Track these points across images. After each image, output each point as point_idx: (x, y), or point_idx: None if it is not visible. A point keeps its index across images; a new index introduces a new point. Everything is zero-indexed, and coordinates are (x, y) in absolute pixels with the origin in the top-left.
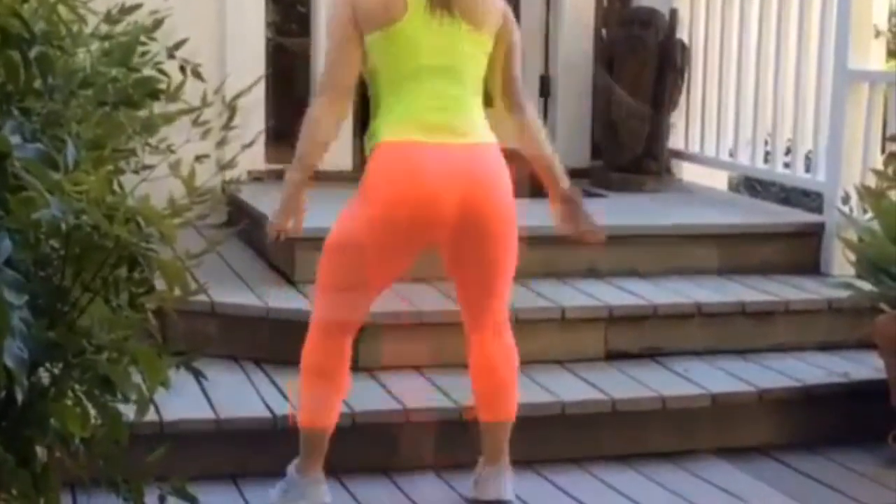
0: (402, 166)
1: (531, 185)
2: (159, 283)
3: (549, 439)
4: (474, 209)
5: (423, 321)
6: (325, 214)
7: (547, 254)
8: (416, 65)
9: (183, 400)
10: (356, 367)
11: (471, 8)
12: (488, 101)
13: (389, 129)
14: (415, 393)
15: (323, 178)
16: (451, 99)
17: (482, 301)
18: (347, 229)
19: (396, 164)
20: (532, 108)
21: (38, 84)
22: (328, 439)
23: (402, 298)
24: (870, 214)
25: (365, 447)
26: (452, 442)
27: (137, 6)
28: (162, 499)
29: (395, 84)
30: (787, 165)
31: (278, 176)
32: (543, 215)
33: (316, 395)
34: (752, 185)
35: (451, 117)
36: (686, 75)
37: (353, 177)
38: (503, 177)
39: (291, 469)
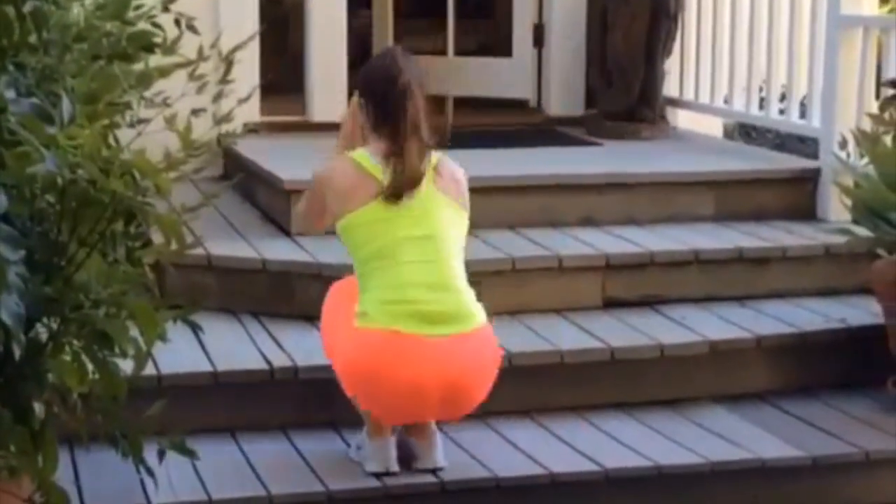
0: (384, 364)
1: (525, 134)
2: (156, 237)
3: (548, 388)
4: (458, 398)
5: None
6: (320, 166)
7: (543, 202)
8: (394, 237)
9: (180, 353)
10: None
11: (441, 180)
12: None
13: (376, 315)
14: None
15: (316, 129)
16: (435, 273)
17: None
18: (346, 384)
19: (379, 360)
20: None
21: (32, 39)
22: None
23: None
24: (865, 159)
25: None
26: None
27: None
28: (161, 454)
29: (377, 259)
30: (781, 112)
31: (273, 128)
32: (539, 162)
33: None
34: (747, 132)
35: (436, 298)
36: (680, 22)
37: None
38: (489, 363)
39: (364, 429)
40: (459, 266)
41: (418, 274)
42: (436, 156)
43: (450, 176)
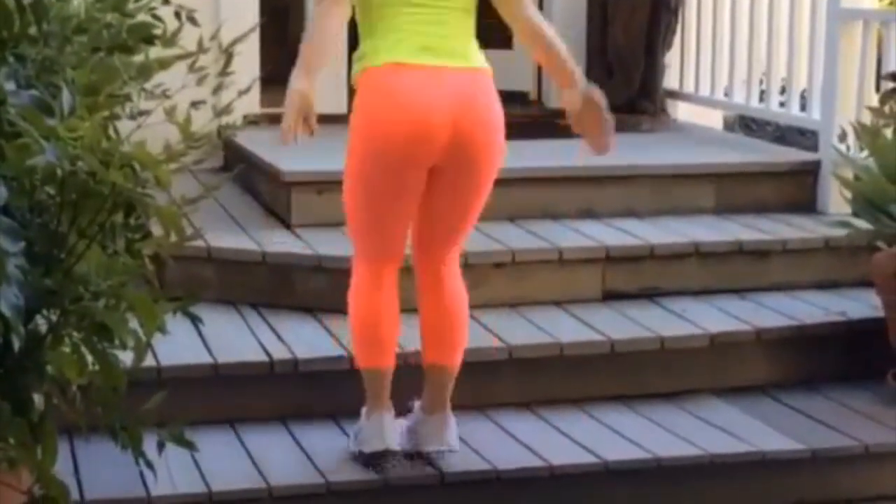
0: (389, 93)
1: (525, 127)
2: (156, 229)
3: (547, 380)
4: (464, 134)
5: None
6: (321, 158)
7: (543, 194)
8: (403, 26)
9: (180, 345)
10: None
11: None
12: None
13: (376, 52)
14: None
15: (317, 120)
16: (442, 24)
17: (447, 236)
18: (352, 164)
19: (383, 91)
20: (536, 10)
21: (32, 30)
22: (389, 379)
23: None
24: (865, 152)
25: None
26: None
27: None
28: (160, 446)
29: (382, 6)
30: (782, 104)
31: (273, 120)
32: (539, 154)
33: (367, 337)
34: (746, 125)
35: (441, 40)
36: (680, 15)
37: (347, 119)
38: (494, 103)
39: (362, 411)
40: (467, 18)
41: (420, 23)
42: None
43: None
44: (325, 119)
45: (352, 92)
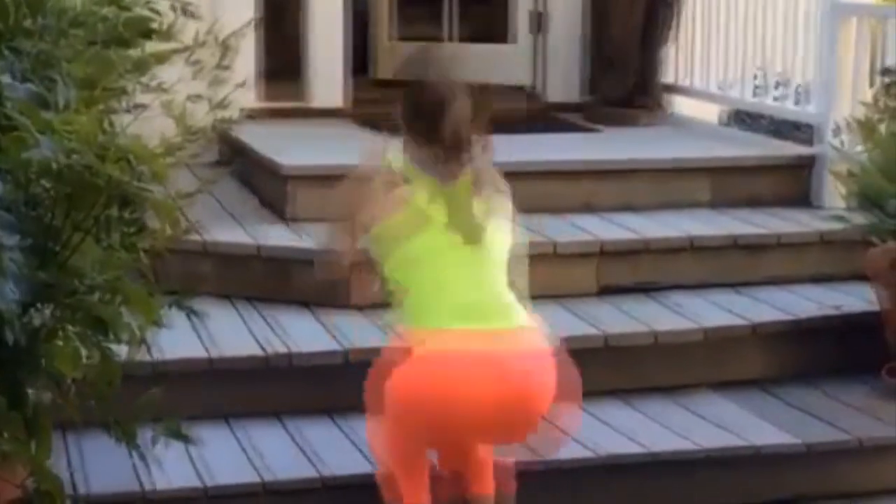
0: (428, 383)
1: (524, 121)
2: (152, 223)
3: None
4: (514, 409)
5: None
6: (318, 152)
7: (542, 188)
8: (441, 268)
9: (176, 339)
10: None
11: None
12: None
13: (416, 314)
14: None
15: (316, 114)
16: (482, 281)
17: (481, 471)
18: (387, 431)
19: (422, 380)
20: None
21: (28, 23)
22: None
23: None
24: (861, 147)
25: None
26: None
27: None
28: (155, 440)
29: (419, 295)
30: (776, 99)
31: (271, 114)
32: (537, 148)
33: None
34: (742, 119)
35: (482, 298)
36: (677, 10)
37: (345, 113)
38: (546, 370)
39: None
40: (503, 277)
41: (463, 281)
42: (474, 170)
43: (492, 188)
44: (324, 113)
45: (351, 91)
